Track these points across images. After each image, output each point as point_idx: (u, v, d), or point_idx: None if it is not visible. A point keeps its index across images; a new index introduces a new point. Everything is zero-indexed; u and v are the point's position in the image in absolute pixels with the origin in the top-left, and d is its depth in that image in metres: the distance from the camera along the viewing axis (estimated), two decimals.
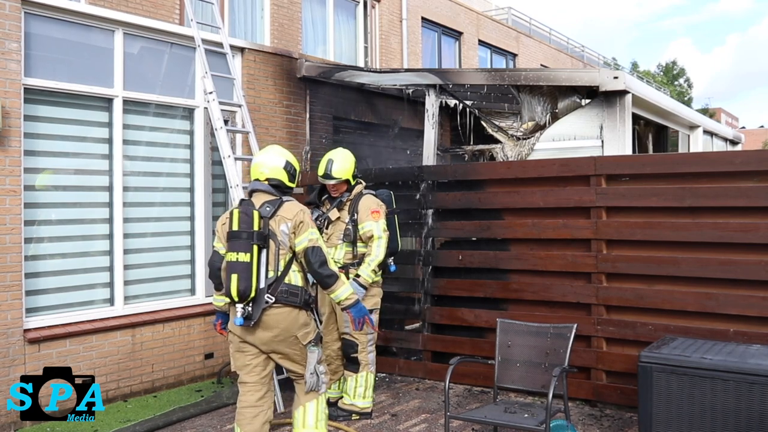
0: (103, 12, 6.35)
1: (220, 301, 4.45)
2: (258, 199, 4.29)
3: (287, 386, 6.32)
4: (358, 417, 5.58)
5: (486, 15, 18.48)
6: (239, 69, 7.39)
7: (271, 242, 4.15)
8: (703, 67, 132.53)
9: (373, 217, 5.44)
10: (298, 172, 4.54)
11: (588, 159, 6.00)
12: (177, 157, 6.98)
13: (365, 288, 5.39)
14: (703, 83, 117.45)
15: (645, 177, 5.58)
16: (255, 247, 4.06)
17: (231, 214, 4.17)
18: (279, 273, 4.17)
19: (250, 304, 4.10)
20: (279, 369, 6.02)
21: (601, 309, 5.72)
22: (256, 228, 4.08)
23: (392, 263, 5.75)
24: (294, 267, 4.25)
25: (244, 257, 4.04)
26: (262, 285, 4.11)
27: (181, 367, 6.64)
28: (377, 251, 5.40)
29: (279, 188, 4.37)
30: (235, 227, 4.10)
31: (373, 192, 5.72)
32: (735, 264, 5.14)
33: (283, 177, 4.40)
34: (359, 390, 5.58)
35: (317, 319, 4.56)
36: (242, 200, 4.36)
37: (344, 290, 4.29)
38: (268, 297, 4.11)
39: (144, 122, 6.66)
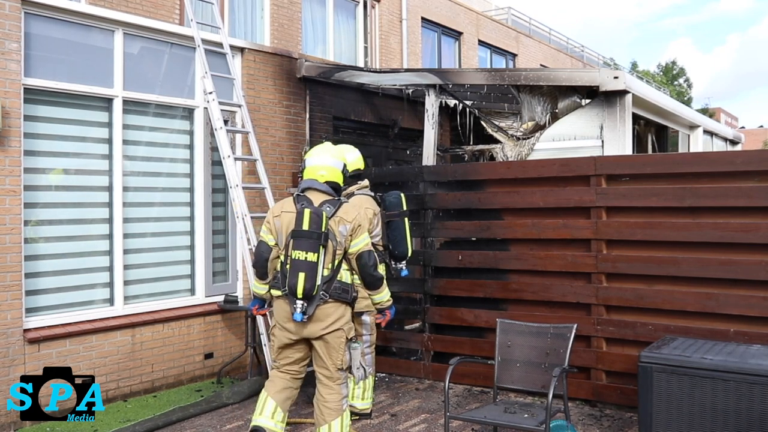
0: (103, 12, 6.35)
1: (261, 289, 4.64)
2: (315, 198, 4.41)
3: None
4: (357, 417, 5.58)
5: (486, 15, 18.48)
6: (239, 69, 7.39)
7: (330, 242, 4.30)
8: (703, 67, 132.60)
9: None
10: (347, 171, 4.77)
11: (588, 159, 6.00)
12: (177, 157, 6.98)
13: None
14: (703, 83, 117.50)
15: (645, 177, 5.58)
16: (321, 249, 4.23)
17: (301, 213, 4.24)
18: (333, 271, 4.36)
19: (308, 301, 4.26)
20: None
21: (601, 309, 5.72)
22: (324, 229, 4.23)
23: (405, 268, 5.74)
24: (344, 265, 4.45)
25: (312, 257, 4.21)
26: (319, 282, 4.28)
27: (180, 367, 6.64)
28: None
29: (335, 189, 4.57)
30: (305, 227, 4.21)
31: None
32: (735, 264, 5.14)
33: (340, 180, 4.63)
34: (357, 391, 5.58)
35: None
36: (298, 196, 4.43)
37: (387, 293, 4.64)
38: (323, 294, 4.30)
39: (144, 122, 6.66)
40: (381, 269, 4.53)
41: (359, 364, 4.53)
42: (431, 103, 7.92)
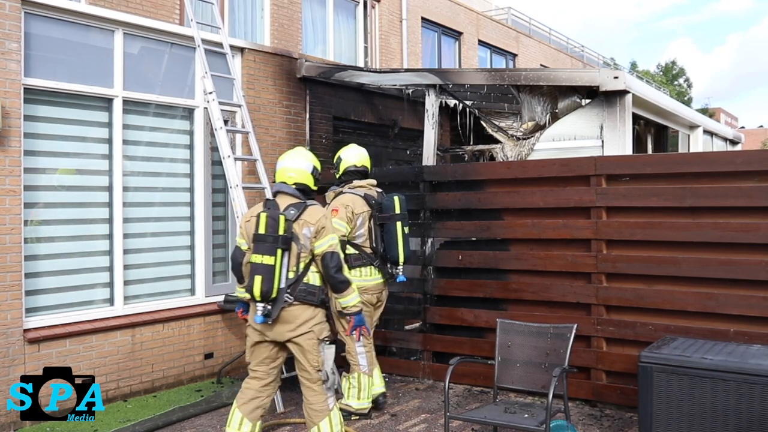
0: (103, 12, 6.35)
1: (242, 293, 4.66)
2: (282, 201, 4.48)
3: (287, 386, 6.32)
4: (357, 417, 5.58)
5: (486, 15, 18.48)
6: (239, 69, 7.39)
7: (294, 244, 4.36)
8: (703, 67, 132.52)
9: None
10: (319, 173, 4.76)
11: (588, 159, 6.00)
12: (177, 157, 6.98)
13: None
14: (703, 83, 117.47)
15: (645, 177, 5.58)
16: (279, 251, 4.25)
17: (258, 216, 4.30)
18: (299, 274, 4.38)
19: (271, 303, 4.31)
20: (283, 368, 6.03)
21: (601, 309, 5.72)
22: (281, 232, 4.26)
23: (401, 273, 5.70)
24: (313, 268, 4.45)
25: (268, 260, 4.25)
26: (283, 285, 4.32)
27: (180, 367, 6.64)
28: None
29: (304, 191, 4.59)
30: (261, 230, 4.27)
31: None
32: (736, 264, 5.14)
33: (310, 181, 4.64)
34: (352, 391, 5.60)
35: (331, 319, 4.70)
36: (267, 201, 4.52)
37: (353, 297, 4.53)
38: (287, 296, 4.33)
39: (144, 122, 6.66)
40: (347, 272, 4.45)
41: (333, 368, 4.46)
42: (431, 103, 7.92)
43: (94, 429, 5.38)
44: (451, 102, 9.18)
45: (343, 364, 5.79)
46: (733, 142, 14.42)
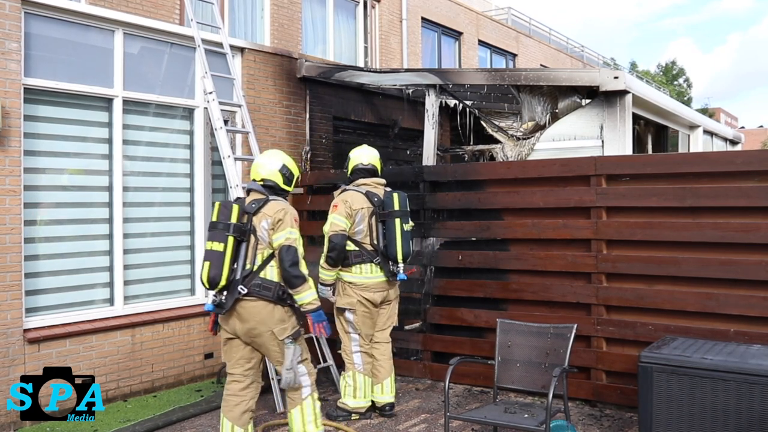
0: (103, 12, 6.35)
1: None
2: (250, 197, 4.59)
3: None
4: (358, 417, 5.58)
5: (486, 15, 18.48)
6: (239, 69, 7.39)
7: (252, 237, 4.39)
8: (703, 67, 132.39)
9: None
10: (296, 177, 4.74)
11: (588, 159, 6.00)
12: (177, 157, 6.98)
13: (325, 285, 5.59)
14: (704, 83, 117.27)
15: (645, 177, 5.58)
16: (230, 239, 4.30)
17: (213, 205, 4.40)
18: (255, 267, 4.37)
19: (224, 293, 4.34)
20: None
21: (601, 309, 5.72)
22: (233, 220, 4.32)
23: (401, 271, 5.61)
24: (273, 263, 4.41)
25: (218, 246, 4.30)
26: (238, 276, 4.34)
27: (180, 367, 6.64)
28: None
29: (273, 189, 4.60)
30: (214, 218, 4.37)
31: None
32: (736, 264, 5.14)
33: (278, 179, 4.63)
34: (348, 389, 5.59)
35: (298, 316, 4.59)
36: (237, 198, 4.58)
37: (308, 294, 4.39)
38: (241, 288, 4.32)
39: (144, 122, 6.66)
40: (303, 268, 4.33)
41: (290, 366, 4.37)
42: (431, 103, 7.93)
43: (94, 429, 5.38)
44: (451, 102, 9.18)
45: (340, 363, 5.81)
46: (733, 142, 14.42)
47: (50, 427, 5.40)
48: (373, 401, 5.67)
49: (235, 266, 4.35)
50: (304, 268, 4.37)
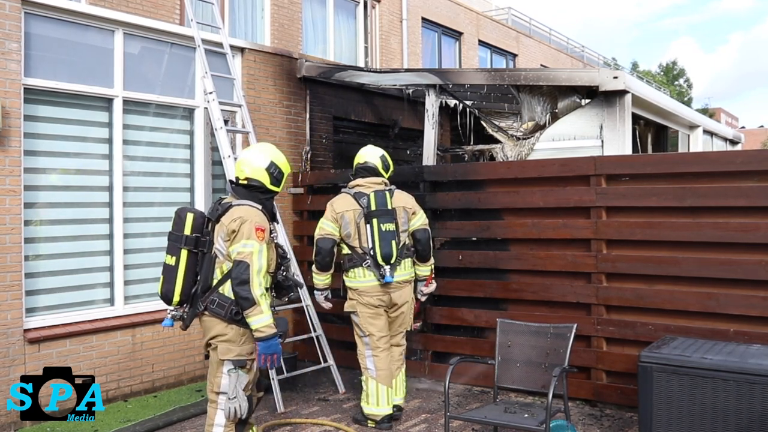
0: (103, 12, 6.36)
1: None
2: (227, 200, 4.16)
3: (287, 386, 6.33)
4: (374, 424, 5.39)
5: (486, 15, 18.48)
6: (239, 69, 7.39)
7: (213, 248, 4.03)
8: (705, 67, 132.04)
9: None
10: (285, 175, 4.25)
11: (588, 159, 6.00)
12: (177, 157, 6.98)
13: (318, 290, 5.57)
14: (705, 82, 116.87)
15: (645, 177, 5.58)
16: (183, 252, 3.99)
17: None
18: (215, 281, 4.04)
19: (186, 307, 4.10)
20: (279, 369, 6.04)
21: (601, 309, 5.72)
22: (187, 231, 4.01)
23: (387, 273, 5.31)
24: None
25: (169, 260, 4.03)
26: (199, 291, 4.06)
27: (181, 367, 6.64)
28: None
29: (258, 190, 4.13)
30: (171, 229, 4.08)
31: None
32: (735, 264, 5.14)
33: (265, 179, 4.14)
34: (363, 395, 5.48)
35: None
36: (219, 199, 4.27)
37: (258, 320, 3.88)
38: (200, 304, 4.06)
39: (144, 122, 6.66)
40: (256, 288, 3.83)
41: (234, 394, 3.94)
42: (431, 103, 7.93)
43: (94, 429, 5.38)
44: (452, 102, 9.18)
45: (340, 362, 5.77)
46: (733, 142, 14.41)
47: (50, 427, 5.40)
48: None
49: (198, 279, 4.04)
50: (256, 288, 3.83)
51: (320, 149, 8.17)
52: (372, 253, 5.31)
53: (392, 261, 5.31)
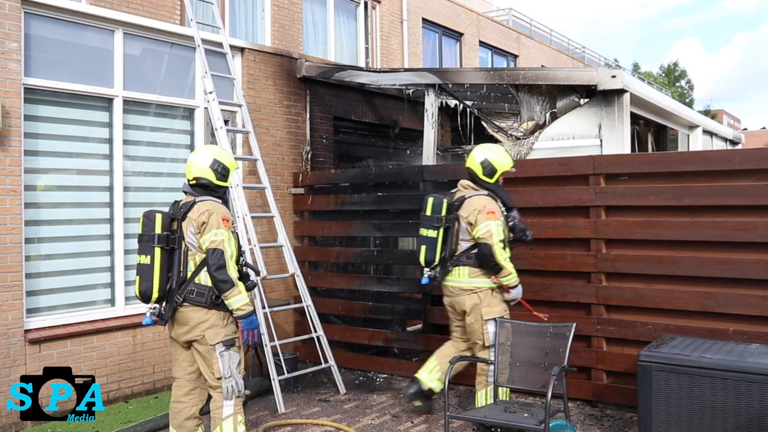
0: (103, 12, 6.37)
1: None
2: (184, 201, 4.43)
3: (287, 387, 6.34)
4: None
5: (487, 16, 18.48)
6: (239, 69, 7.40)
7: (183, 243, 4.28)
8: (709, 67, 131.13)
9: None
10: (231, 170, 4.51)
11: (587, 158, 6.00)
12: (177, 157, 6.99)
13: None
14: (709, 83, 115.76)
15: (644, 176, 5.59)
16: (157, 250, 4.21)
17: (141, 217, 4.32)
18: (189, 273, 4.28)
19: (164, 304, 4.29)
20: (279, 369, 6.05)
21: (601, 309, 5.72)
22: (158, 231, 4.23)
23: (425, 275, 5.50)
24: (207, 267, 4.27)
25: (144, 259, 4.24)
26: (174, 285, 4.27)
27: None
28: None
29: (208, 187, 4.41)
30: (140, 230, 4.29)
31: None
32: (734, 263, 5.14)
33: (211, 176, 4.42)
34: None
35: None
36: (174, 202, 4.48)
37: (237, 299, 4.20)
38: (177, 296, 4.26)
39: (144, 122, 6.67)
40: (231, 271, 4.16)
41: (229, 373, 4.25)
42: (431, 103, 7.93)
43: (94, 429, 5.39)
44: (452, 102, 9.18)
45: (341, 363, 5.75)
46: (733, 143, 14.40)
47: (50, 428, 5.41)
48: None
49: (171, 275, 4.26)
50: (232, 272, 4.19)
51: (320, 149, 8.18)
52: None
53: (434, 265, 5.37)
